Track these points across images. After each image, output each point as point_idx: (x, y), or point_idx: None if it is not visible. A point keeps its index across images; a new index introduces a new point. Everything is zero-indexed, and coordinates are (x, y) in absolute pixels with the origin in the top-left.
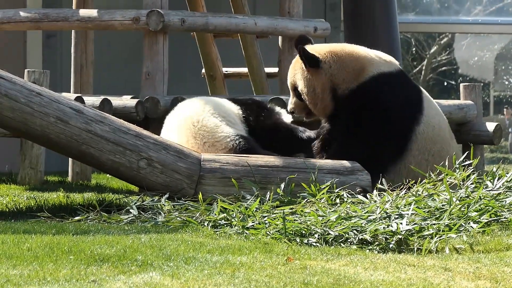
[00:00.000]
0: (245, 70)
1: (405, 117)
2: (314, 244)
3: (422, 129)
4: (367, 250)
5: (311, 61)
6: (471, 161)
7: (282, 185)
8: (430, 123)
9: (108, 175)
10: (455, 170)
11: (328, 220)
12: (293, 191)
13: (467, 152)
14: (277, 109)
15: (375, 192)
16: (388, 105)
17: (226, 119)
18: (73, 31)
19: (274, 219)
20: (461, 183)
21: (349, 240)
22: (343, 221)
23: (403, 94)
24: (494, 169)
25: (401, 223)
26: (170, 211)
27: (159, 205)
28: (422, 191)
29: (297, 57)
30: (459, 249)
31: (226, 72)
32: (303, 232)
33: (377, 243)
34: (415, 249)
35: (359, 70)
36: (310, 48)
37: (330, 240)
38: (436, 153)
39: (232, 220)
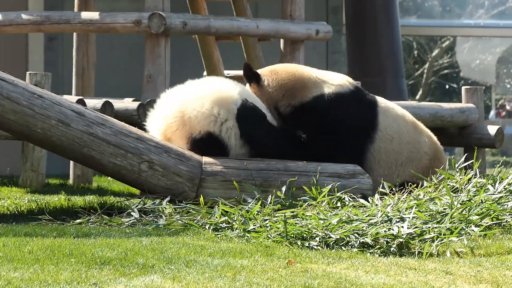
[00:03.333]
0: None
1: (355, 137)
2: (315, 247)
3: (378, 146)
4: (368, 254)
5: (250, 78)
6: (466, 162)
7: (283, 188)
8: (387, 136)
9: (109, 178)
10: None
11: (329, 224)
12: (294, 194)
13: (465, 155)
14: None
15: (376, 195)
16: (334, 126)
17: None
18: (75, 33)
19: (275, 222)
20: (463, 186)
21: (350, 244)
22: (344, 225)
23: (353, 115)
24: (495, 173)
25: (402, 227)
26: (171, 214)
27: (160, 208)
28: (424, 195)
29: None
30: (460, 253)
31: (228, 75)
32: (304, 235)
33: (378, 246)
34: (416, 252)
35: (299, 89)
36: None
37: (331, 243)
38: (405, 160)
39: (233, 223)
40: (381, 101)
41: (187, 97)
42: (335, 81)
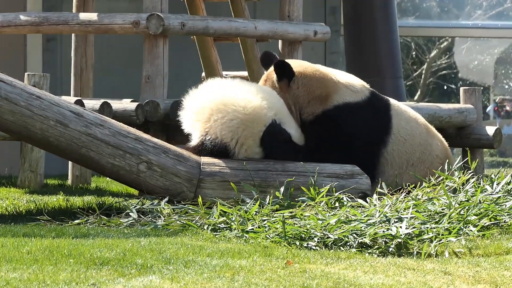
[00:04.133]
0: (245, 73)
1: (370, 144)
2: (314, 247)
3: (391, 148)
4: (367, 254)
5: (283, 76)
6: (460, 163)
7: (282, 189)
8: (400, 138)
9: (108, 178)
10: (452, 173)
11: (327, 224)
12: (292, 194)
13: (466, 159)
14: None
15: (374, 196)
16: (352, 135)
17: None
18: (73, 34)
19: (274, 222)
20: (461, 187)
21: (348, 244)
22: (342, 225)
23: (369, 123)
24: (493, 174)
25: (400, 227)
26: (170, 214)
27: (158, 209)
28: (422, 195)
29: (269, 72)
30: (458, 253)
31: (226, 76)
32: (303, 235)
33: (376, 246)
34: (415, 252)
35: (324, 97)
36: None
37: (330, 243)
38: (416, 161)
39: (232, 223)
40: (394, 103)
41: (224, 101)
42: (354, 87)
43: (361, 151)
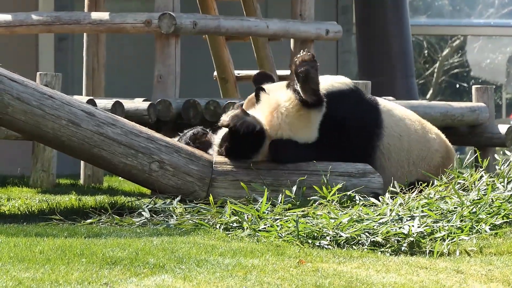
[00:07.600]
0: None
1: (362, 131)
2: (326, 246)
3: (386, 142)
4: (379, 253)
5: None
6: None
7: (294, 188)
8: (394, 134)
9: (120, 177)
10: (459, 168)
11: (340, 223)
12: (304, 193)
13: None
14: None
15: (387, 194)
16: (343, 121)
17: None
18: (85, 34)
19: (286, 221)
20: (473, 185)
21: (361, 243)
22: (355, 224)
23: (358, 111)
24: (505, 171)
25: (412, 226)
26: (182, 213)
27: (171, 208)
28: (434, 194)
29: (251, 96)
30: (471, 252)
31: (238, 75)
32: (315, 234)
33: (389, 245)
34: (427, 251)
35: None
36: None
37: (342, 242)
38: (416, 158)
39: (244, 222)
40: (381, 101)
41: (276, 102)
42: (337, 81)
43: (354, 138)
